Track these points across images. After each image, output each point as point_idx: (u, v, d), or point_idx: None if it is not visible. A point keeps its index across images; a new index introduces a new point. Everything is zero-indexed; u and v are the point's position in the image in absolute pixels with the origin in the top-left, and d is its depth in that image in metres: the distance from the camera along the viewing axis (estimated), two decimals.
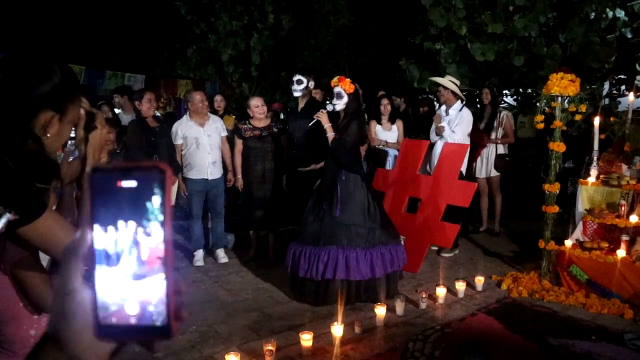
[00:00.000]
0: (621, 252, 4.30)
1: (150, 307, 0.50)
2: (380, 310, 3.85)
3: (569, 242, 4.61)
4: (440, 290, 4.29)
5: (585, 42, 7.09)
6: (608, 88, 8.12)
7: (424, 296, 4.21)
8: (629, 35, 6.98)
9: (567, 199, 5.41)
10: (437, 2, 7.71)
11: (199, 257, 5.37)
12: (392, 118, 6.06)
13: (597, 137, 4.90)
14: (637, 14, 6.83)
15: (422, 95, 8.47)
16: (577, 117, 4.74)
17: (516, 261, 5.41)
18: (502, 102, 8.16)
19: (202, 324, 3.86)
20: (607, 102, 7.90)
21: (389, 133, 6.04)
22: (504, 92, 8.65)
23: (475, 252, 5.85)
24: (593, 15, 6.91)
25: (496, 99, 6.48)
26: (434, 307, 4.21)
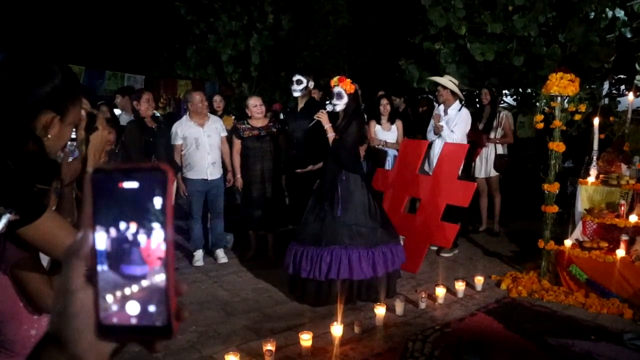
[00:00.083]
0: (620, 252, 4.31)
1: (150, 307, 0.50)
2: (380, 310, 3.85)
3: (568, 242, 4.61)
4: (440, 290, 4.30)
5: (585, 42, 7.10)
6: (607, 88, 8.13)
7: (423, 296, 4.22)
8: (629, 35, 6.99)
9: (566, 199, 5.41)
10: (436, 2, 7.72)
11: (198, 257, 5.38)
12: (391, 118, 6.06)
13: (596, 136, 4.91)
14: (637, 13, 6.84)
15: (422, 95, 8.47)
16: (577, 117, 4.74)
17: (516, 261, 5.41)
18: (502, 102, 8.16)
19: (201, 324, 3.86)
20: (606, 101, 7.92)
21: (388, 133, 6.04)
22: (503, 92, 8.66)
23: (474, 252, 5.85)
24: (592, 15, 6.92)
25: (495, 99, 6.47)
26: (434, 307, 4.22)
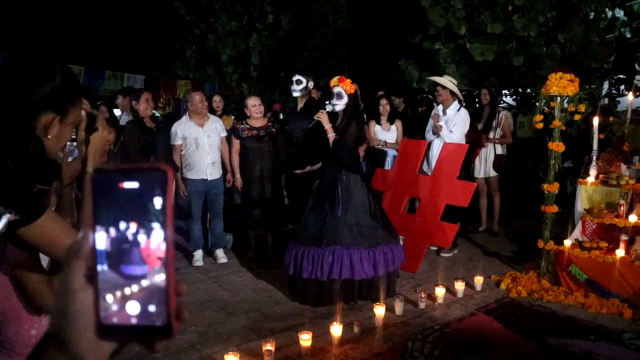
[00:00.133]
0: (620, 252, 4.31)
1: (150, 307, 0.50)
2: (379, 310, 3.84)
3: (568, 242, 4.62)
4: (440, 290, 4.30)
5: (585, 42, 7.10)
6: (607, 88, 8.13)
7: (423, 296, 4.22)
8: (628, 35, 6.99)
9: (566, 199, 5.41)
10: (436, 2, 7.72)
11: (198, 257, 5.38)
12: (391, 118, 6.06)
13: (596, 136, 4.91)
14: (636, 13, 6.84)
15: (421, 95, 8.47)
16: (576, 117, 4.75)
17: (515, 261, 5.41)
18: (502, 102, 8.16)
19: (201, 324, 3.86)
20: (606, 101, 7.92)
21: (388, 133, 6.04)
22: (503, 92, 8.66)
23: (474, 252, 5.85)
24: (592, 15, 6.92)
25: (495, 99, 6.47)
26: (433, 307, 4.22)
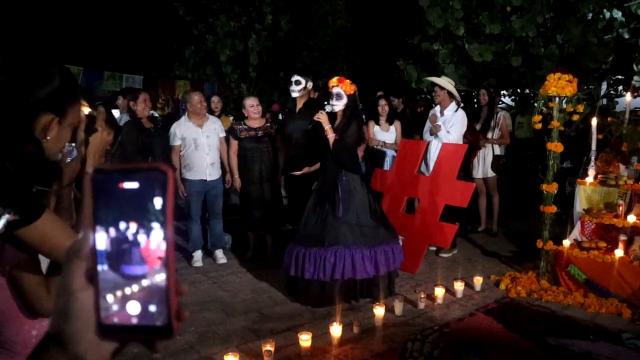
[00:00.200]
0: (619, 252, 4.31)
1: (151, 307, 0.50)
2: (379, 311, 3.84)
3: (567, 242, 4.62)
4: (439, 290, 4.30)
5: (583, 43, 7.11)
6: (605, 88, 8.14)
7: (422, 296, 4.22)
8: (626, 36, 7.00)
9: (565, 199, 5.42)
10: (434, 2, 7.72)
11: (197, 257, 5.37)
12: (390, 119, 6.06)
13: (594, 137, 4.91)
14: (634, 14, 6.85)
15: (420, 96, 8.48)
16: (575, 117, 4.76)
17: (514, 261, 5.41)
18: (500, 102, 8.17)
19: (200, 325, 3.86)
20: (604, 102, 7.92)
21: (386, 133, 6.04)
22: (501, 92, 8.67)
23: (473, 252, 5.85)
24: (590, 15, 6.93)
25: (493, 99, 6.48)
26: (433, 307, 4.22)
